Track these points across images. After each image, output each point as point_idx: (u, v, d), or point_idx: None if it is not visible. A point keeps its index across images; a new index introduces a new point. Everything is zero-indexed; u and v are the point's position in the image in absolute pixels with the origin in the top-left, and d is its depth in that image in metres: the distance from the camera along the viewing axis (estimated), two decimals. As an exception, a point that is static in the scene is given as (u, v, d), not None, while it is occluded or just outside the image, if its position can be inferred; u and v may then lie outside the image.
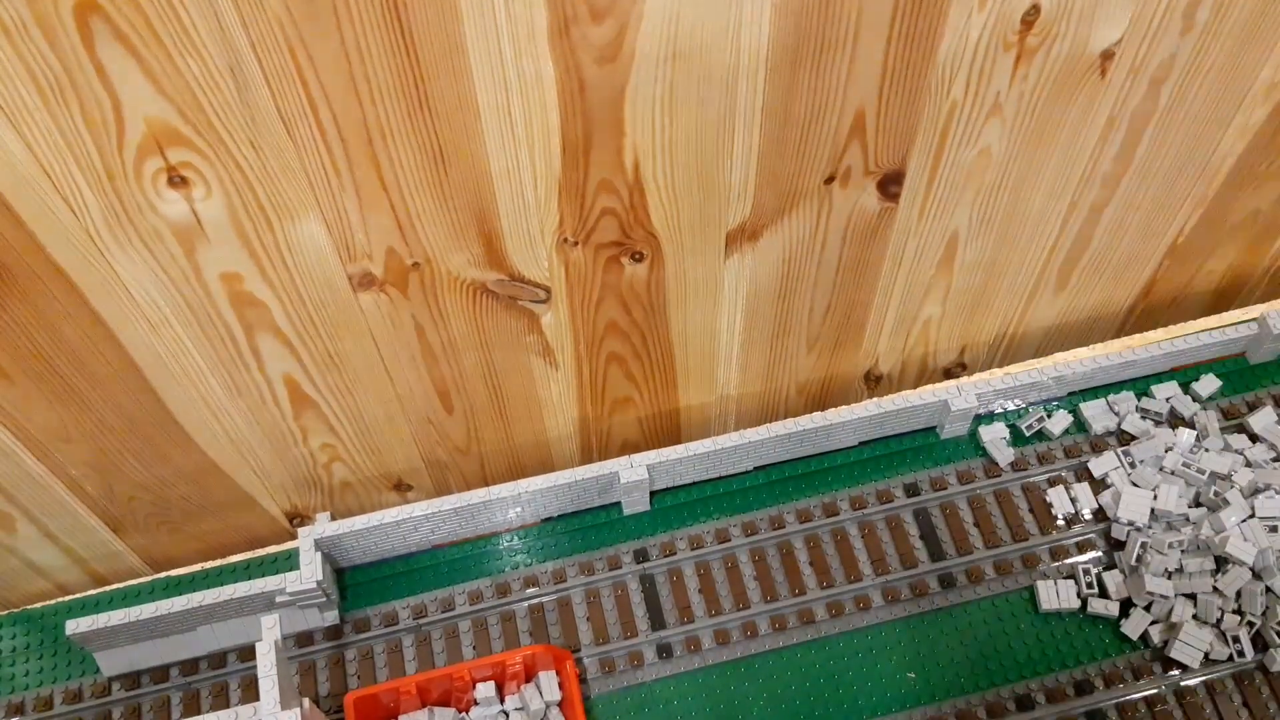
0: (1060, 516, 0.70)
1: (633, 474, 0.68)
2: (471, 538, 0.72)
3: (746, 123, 0.54)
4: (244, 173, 0.49)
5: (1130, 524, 0.68)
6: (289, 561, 0.73)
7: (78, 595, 0.73)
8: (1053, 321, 0.78)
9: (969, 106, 0.57)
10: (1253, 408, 0.73)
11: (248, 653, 0.67)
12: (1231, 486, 0.67)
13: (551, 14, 0.46)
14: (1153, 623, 0.66)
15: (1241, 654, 0.64)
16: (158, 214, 0.50)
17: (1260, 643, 0.64)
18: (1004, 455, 0.72)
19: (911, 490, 0.71)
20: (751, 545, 0.70)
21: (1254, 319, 0.74)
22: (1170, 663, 0.64)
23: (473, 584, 0.69)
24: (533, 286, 0.60)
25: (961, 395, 0.70)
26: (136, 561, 0.74)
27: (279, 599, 0.64)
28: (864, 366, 0.77)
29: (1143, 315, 0.81)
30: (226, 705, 0.66)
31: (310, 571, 0.65)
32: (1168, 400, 0.74)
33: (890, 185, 0.61)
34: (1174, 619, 0.65)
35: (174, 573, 0.73)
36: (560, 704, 0.63)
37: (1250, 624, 0.64)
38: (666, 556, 0.70)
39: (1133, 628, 0.65)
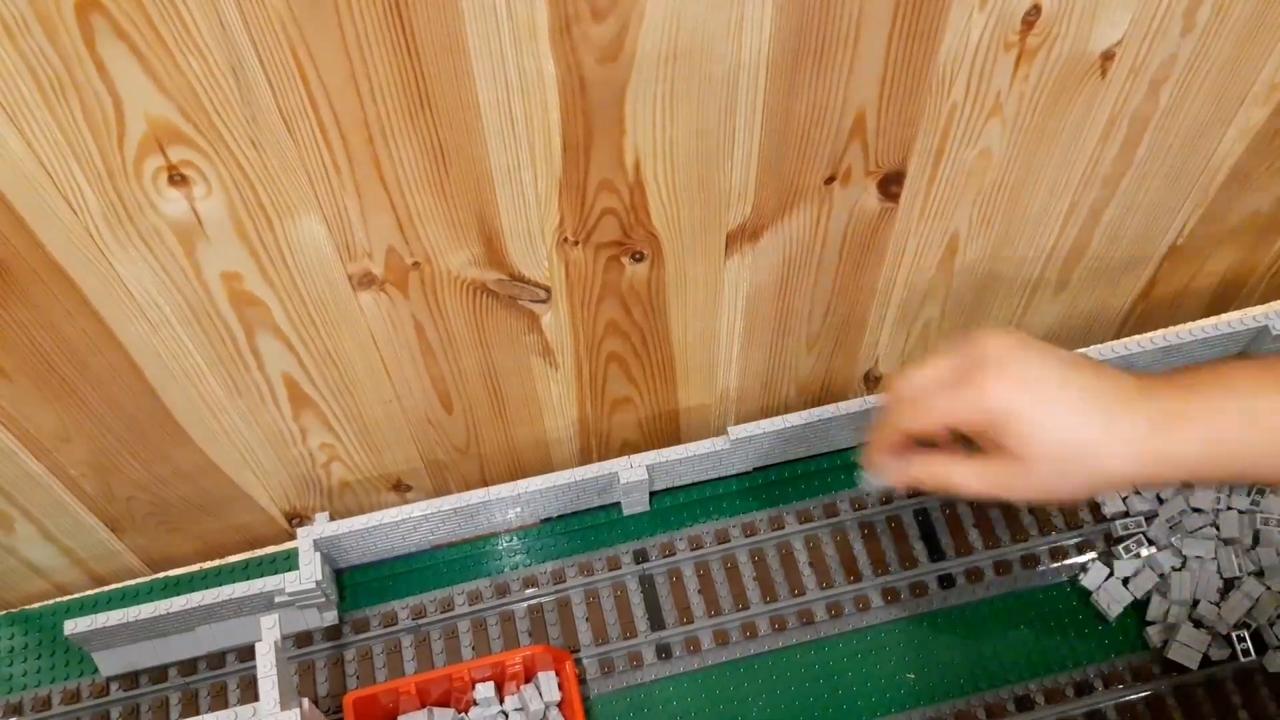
0: (1059, 517, 0.70)
1: (632, 474, 0.68)
2: (471, 538, 0.72)
3: (747, 122, 0.54)
4: (244, 171, 0.49)
5: (1131, 523, 0.68)
6: (288, 561, 0.73)
7: (76, 595, 0.73)
8: (1052, 322, 0.79)
9: (970, 106, 0.57)
10: (1252, 409, 0.73)
11: (246, 653, 0.67)
12: (1230, 492, 0.68)
13: (553, 12, 0.46)
14: (1150, 623, 0.66)
15: (1248, 653, 0.64)
16: (158, 212, 0.50)
17: (1260, 643, 0.64)
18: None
19: (912, 490, 0.71)
20: (751, 546, 0.70)
21: (1254, 320, 0.74)
22: (1170, 663, 0.64)
23: (472, 584, 0.69)
24: (533, 286, 0.60)
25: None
26: (135, 561, 0.74)
27: (278, 599, 0.64)
28: (864, 367, 0.77)
29: (1142, 316, 0.81)
30: (225, 705, 0.66)
31: (309, 572, 0.65)
32: (1167, 401, 0.74)
33: (891, 185, 0.61)
34: (1172, 619, 0.65)
35: (173, 573, 0.73)
36: (560, 704, 0.63)
37: (1249, 624, 0.65)
38: (666, 557, 0.70)
39: (1132, 628, 0.65)
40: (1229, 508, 0.67)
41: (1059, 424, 0.50)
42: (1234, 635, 0.64)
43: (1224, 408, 0.49)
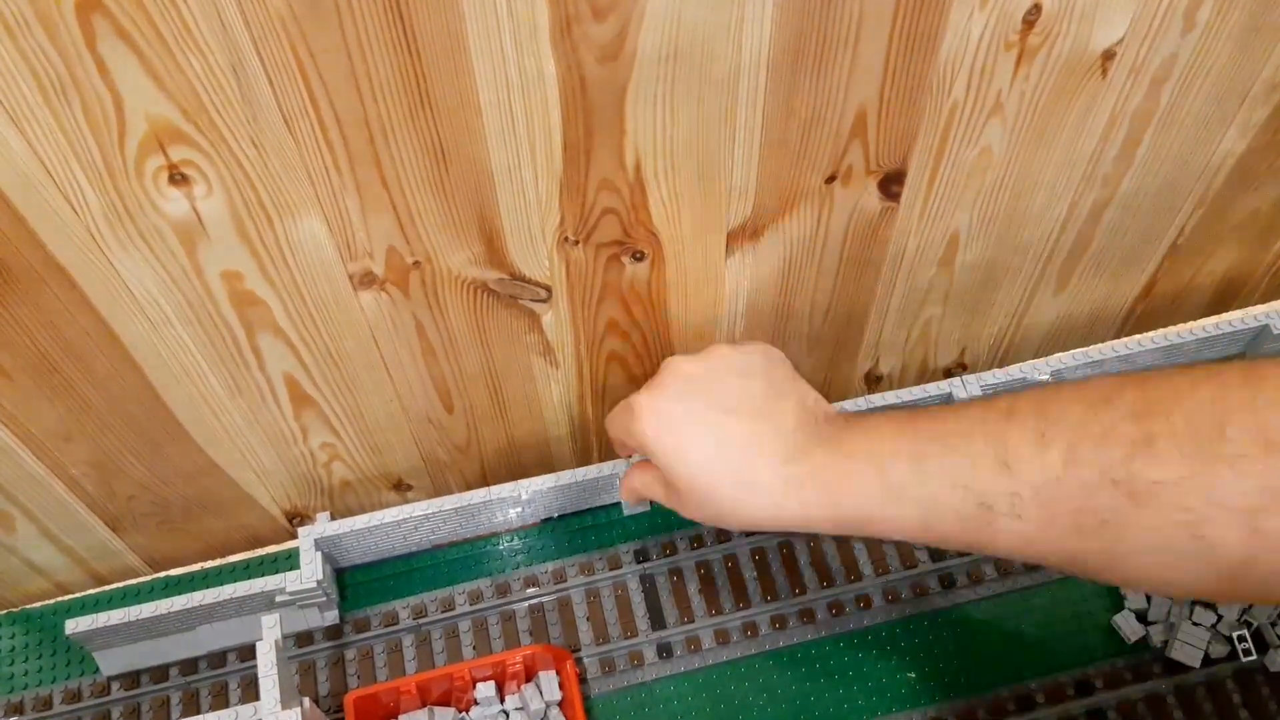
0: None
1: (633, 473, 0.68)
2: (471, 538, 0.72)
3: (748, 122, 0.54)
4: (245, 171, 0.49)
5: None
6: (289, 561, 0.73)
7: (77, 594, 0.73)
8: (1053, 322, 0.79)
9: (970, 106, 0.57)
10: (1253, 408, 0.73)
11: (247, 652, 0.67)
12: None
13: (553, 12, 0.46)
14: (1151, 623, 0.66)
15: (1249, 653, 0.63)
16: (159, 212, 0.50)
17: (1261, 642, 0.64)
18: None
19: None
20: (752, 545, 0.70)
21: (1255, 319, 0.74)
22: (1170, 663, 0.64)
23: (473, 584, 0.69)
24: (533, 285, 0.60)
25: (965, 388, 0.70)
26: (136, 561, 0.74)
27: (279, 598, 0.64)
28: (864, 366, 0.77)
29: (1143, 316, 0.81)
30: (226, 705, 0.66)
31: (310, 571, 0.65)
32: (1168, 400, 0.74)
33: (891, 185, 0.61)
34: (1172, 619, 0.65)
35: (173, 572, 0.73)
36: (560, 704, 0.63)
37: (1250, 623, 0.64)
38: (667, 556, 0.70)
39: (1131, 630, 0.65)
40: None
41: (690, 469, 0.54)
42: (1234, 635, 0.64)
43: (854, 472, 0.51)
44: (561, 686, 0.63)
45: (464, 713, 0.64)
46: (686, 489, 0.55)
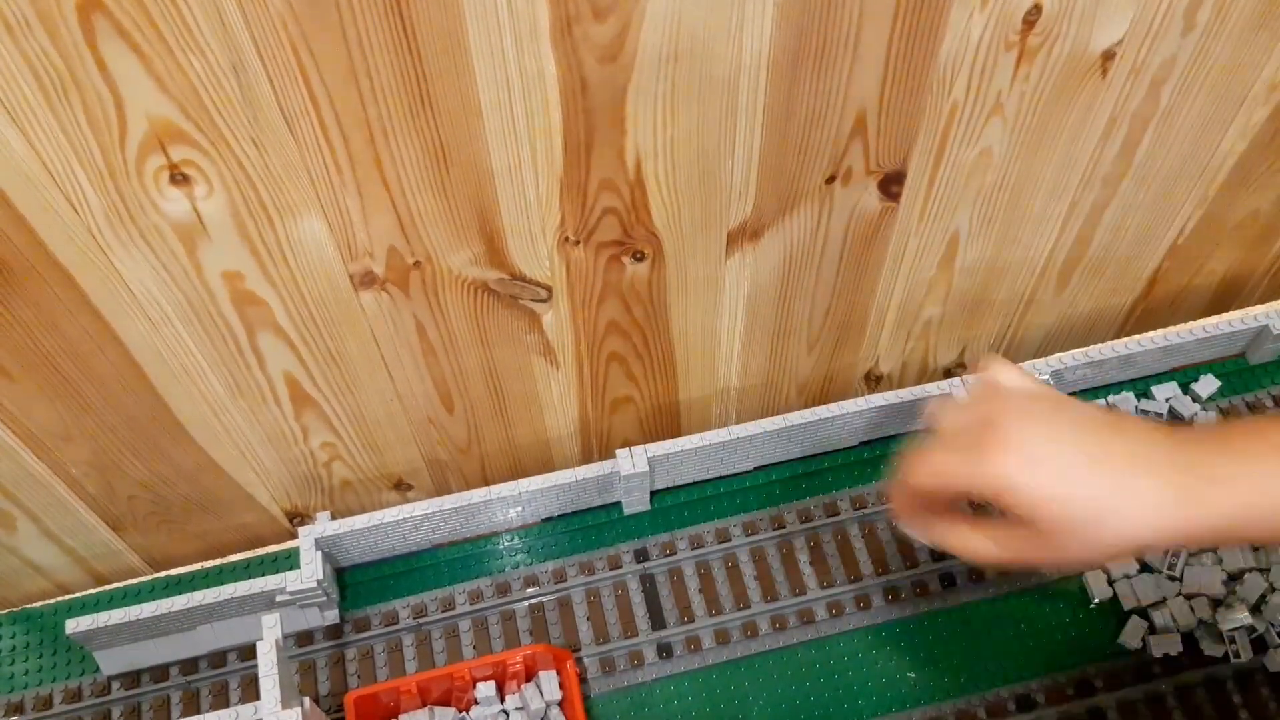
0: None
1: (634, 465, 0.67)
2: (472, 537, 0.72)
3: (748, 122, 0.54)
4: (246, 171, 0.49)
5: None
6: (289, 561, 0.73)
7: (78, 594, 0.73)
8: (1053, 321, 0.79)
9: (970, 106, 0.57)
10: (1252, 408, 0.73)
11: (248, 652, 0.67)
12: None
13: (554, 12, 0.46)
14: (1153, 629, 0.66)
15: (1238, 655, 0.64)
16: (159, 212, 0.50)
17: (1260, 643, 0.64)
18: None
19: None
20: (752, 545, 0.70)
21: (1254, 320, 0.74)
22: (1171, 663, 0.64)
23: (473, 583, 0.70)
24: (534, 285, 0.60)
25: (966, 388, 0.70)
26: (136, 560, 0.74)
27: (279, 598, 0.64)
28: (864, 366, 0.77)
29: (1143, 316, 0.81)
30: (226, 704, 0.66)
31: (311, 571, 0.65)
32: (1167, 401, 0.74)
33: (891, 185, 0.61)
34: (1175, 619, 0.65)
35: (174, 572, 0.73)
36: (560, 703, 0.63)
37: (1251, 626, 0.64)
38: (667, 556, 0.70)
39: (1131, 635, 0.65)
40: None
41: (1064, 492, 0.47)
42: (1234, 635, 0.64)
43: (1258, 472, 0.46)
44: (562, 686, 0.63)
45: (464, 712, 0.64)
46: (1061, 522, 0.48)
